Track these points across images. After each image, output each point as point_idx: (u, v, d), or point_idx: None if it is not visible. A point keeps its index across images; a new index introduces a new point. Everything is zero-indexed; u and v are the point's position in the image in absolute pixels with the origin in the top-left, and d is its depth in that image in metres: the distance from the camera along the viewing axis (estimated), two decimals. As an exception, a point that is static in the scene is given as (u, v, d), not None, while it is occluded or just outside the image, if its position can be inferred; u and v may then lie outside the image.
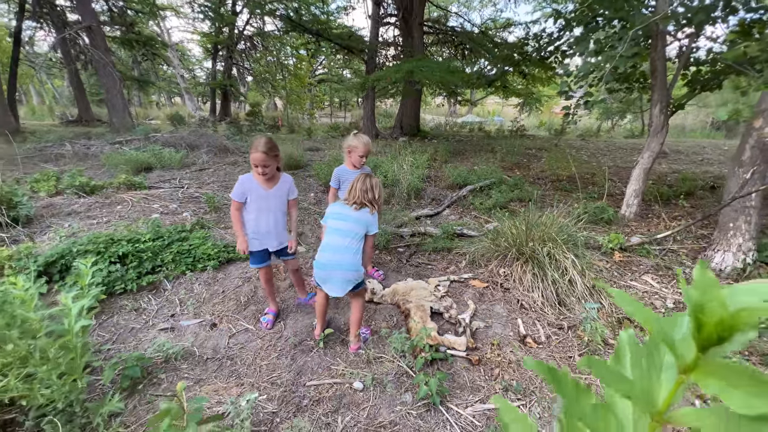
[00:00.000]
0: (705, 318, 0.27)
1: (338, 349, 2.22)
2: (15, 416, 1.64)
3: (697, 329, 0.27)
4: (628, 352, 0.34)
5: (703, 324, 0.27)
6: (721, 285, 0.28)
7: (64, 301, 1.48)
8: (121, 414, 1.70)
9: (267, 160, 2.15)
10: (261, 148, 2.12)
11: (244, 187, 2.22)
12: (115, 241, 2.83)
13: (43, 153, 7.22)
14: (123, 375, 1.84)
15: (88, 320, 1.51)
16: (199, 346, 2.22)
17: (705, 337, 0.27)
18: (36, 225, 3.65)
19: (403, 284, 2.83)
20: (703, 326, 0.27)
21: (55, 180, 4.88)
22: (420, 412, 1.79)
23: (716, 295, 0.27)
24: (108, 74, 10.46)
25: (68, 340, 1.48)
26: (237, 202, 2.24)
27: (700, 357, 0.27)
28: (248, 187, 2.23)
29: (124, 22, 13.93)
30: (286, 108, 19.52)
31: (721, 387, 0.25)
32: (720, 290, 0.28)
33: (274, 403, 1.83)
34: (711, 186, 5.78)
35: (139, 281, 2.69)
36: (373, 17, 11.37)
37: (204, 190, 5.20)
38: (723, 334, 0.26)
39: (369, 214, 2.09)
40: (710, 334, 0.26)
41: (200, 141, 8.17)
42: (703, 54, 4.41)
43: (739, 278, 3.05)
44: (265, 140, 2.16)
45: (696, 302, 0.27)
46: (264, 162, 2.15)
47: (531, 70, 8.59)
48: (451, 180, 5.83)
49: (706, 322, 0.26)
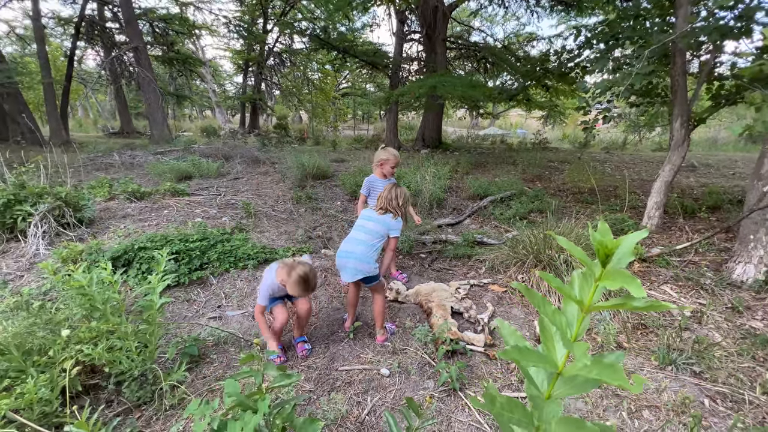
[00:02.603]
0: (601, 248, 0.48)
1: (366, 341, 2.45)
2: (98, 382, 1.95)
3: (598, 254, 0.49)
4: (577, 279, 0.56)
5: (600, 251, 0.49)
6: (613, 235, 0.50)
7: (152, 280, 1.78)
8: (184, 382, 1.98)
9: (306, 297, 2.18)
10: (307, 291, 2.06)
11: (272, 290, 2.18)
12: (168, 240, 3.19)
13: (94, 162, 7.91)
14: (183, 353, 2.13)
15: (167, 298, 1.81)
16: (243, 333, 2.50)
17: (602, 258, 0.49)
18: (97, 226, 4.09)
19: (426, 286, 3.04)
20: (599, 252, 0.49)
21: (108, 186, 5.40)
22: (441, 396, 1.98)
23: (608, 237, 0.49)
24: (152, 90, 11.32)
25: (151, 315, 1.78)
26: (262, 305, 2.19)
27: (603, 271, 0.49)
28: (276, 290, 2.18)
29: (165, 42, 15.06)
30: (311, 120, 20.26)
31: (613, 284, 0.47)
32: (610, 235, 0.49)
33: (311, 383, 2.07)
34: (738, 200, 5.70)
35: (189, 276, 3.02)
36: (398, 34, 11.83)
37: (239, 197, 5.61)
38: (608, 253, 0.47)
39: (392, 219, 2.37)
40: (602, 256, 0.48)
41: (234, 152, 8.72)
42: (727, 69, 4.47)
43: (761, 290, 3.08)
44: (312, 278, 2.06)
45: (598, 241, 0.49)
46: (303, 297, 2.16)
47: (554, 83, 8.71)
48: (472, 191, 6.01)
49: (601, 250, 0.48)
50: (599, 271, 0.49)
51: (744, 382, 2.11)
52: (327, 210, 5.23)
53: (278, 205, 5.40)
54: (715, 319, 2.76)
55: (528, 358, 0.50)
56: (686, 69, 4.15)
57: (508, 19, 20.18)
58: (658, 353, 2.29)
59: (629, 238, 0.49)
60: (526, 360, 0.50)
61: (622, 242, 0.49)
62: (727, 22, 3.23)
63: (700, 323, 2.71)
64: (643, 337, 2.53)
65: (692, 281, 3.26)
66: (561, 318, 0.53)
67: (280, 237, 4.17)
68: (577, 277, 0.56)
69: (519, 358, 0.50)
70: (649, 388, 2.08)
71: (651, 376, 2.17)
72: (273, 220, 4.73)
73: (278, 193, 5.97)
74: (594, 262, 0.51)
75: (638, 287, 0.44)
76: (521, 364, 0.50)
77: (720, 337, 2.55)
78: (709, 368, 2.21)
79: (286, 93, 20.18)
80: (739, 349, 2.40)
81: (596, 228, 0.50)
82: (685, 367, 2.21)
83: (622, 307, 0.48)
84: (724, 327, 2.67)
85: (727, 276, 3.28)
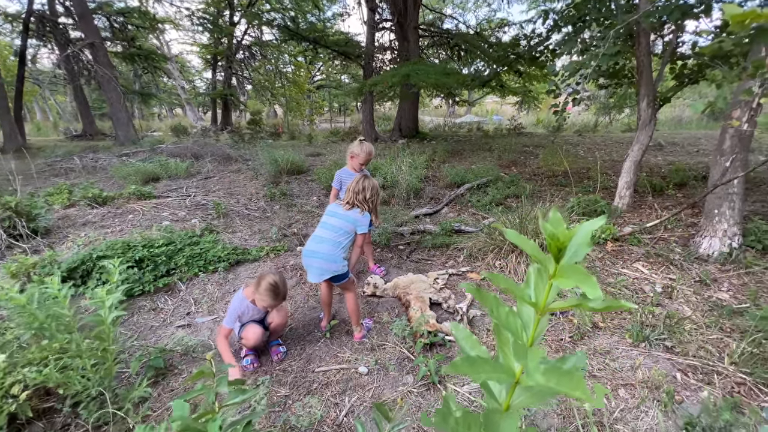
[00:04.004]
0: (553, 242, 0.42)
1: (344, 339, 2.38)
2: (53, 405, 1.81)
3: (550, 248, 0.43)
4: (532, 277, 0.50)
5: (551, 244, 0.43)
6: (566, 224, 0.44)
7: (99, 294, 1.65)
8: (148, 400, 1.87)
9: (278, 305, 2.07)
10: (277, 299, 1.97)
11: (240, 311, 2.06)
12: (131, 247, 3.01)
13: (53, 168, 7.46)
14: (148, 366, 2.01)
15: (120, 311, 1.68)
16: (214, 340, 2.38)
17: (554, 252, 0.43)
18: (54, 235, 3.84)
19: (404, 278, 2.99)
20: (551, 245, 0.43)
21: (67, 193, 5.09)
22: (421, 390, 1.94)
23: (560, 227, 0.43)
24: (112, 89, 10.74)
25: (102, 330, 1.65)
26: (227, 328, 2.05)
27: (557, 267, 0.43)
28: (245, 310, 2.07)
29: (125, 38, 14.25)
30: (286, 115, 19.79)
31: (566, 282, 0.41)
32: (563, 225, 0.43)
33: (286, 387, 1.99)
34: (703, 176, 5.90)
35: (155, 283, 2.86)
36: (369, 23, 11.60)
37: (210, 197, 5.40)
38: (561, 247, 0.41)
39: (358, 214, 2.27)
40: (554, 250, 0.42)
41: (204, 151, 8.39)
42: (688, 48, 4.56)
43: (726, 262, 3.19)
44: (281, 285, 1.97)
45: (549, 232, 0.43)
46: (279, 305, 2.07)
47: (526, 69, 8.76)
48: (449, 179, 5.99)
49: (553, 242, 0.42)
50: (553, 267, 0.43)
51: (713, 354, 2.16)
52: (302, 206, 5.10)
53: (251, 203, 5.22)
54: (684, 293, 2.83)
55: (480, 370, 0.44)
56: (651, 49, 4.20)
57: (480, 5, 20.19)
58: (632, 331, 2.32)
59: (584, 227, 0.43)
60: (477, 372, 0.44)
61: (575, 233, 0.43)
62: (687, 1, 3.27)
63: (671, 298, 2.78)
64: (618, 316, 2.57)
65: (662, 257, 3.34)
66: (516, 320, 0.47)
67: (254, 236, 4.02)
68: (533, 273, 0.50)
69: (470, 371, 0.44)
70: (624, 366, 2.11)
71: (626, 354, 2.20)
72: (246, 220, 4.57)
73: (251, 191, 5.78)
74: (547, 256, 0.45)
75: (593, 287, 0.38)
76: (474, 377, 0.44)
77: (690, 310, 2.62)
78: (680, 342, 2.26)
79: (259, 87, 19.59)
80: (707, 321, 2.47)
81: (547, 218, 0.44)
82: (657, 343, 2.25)
83: (578, 307, 0.42)
84: (693, 300, 2.75)
85: (694, 250, 3.38)
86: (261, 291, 1.94)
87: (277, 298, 1.96)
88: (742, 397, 1.85)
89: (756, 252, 3.25)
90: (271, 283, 1.94)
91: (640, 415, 1.78)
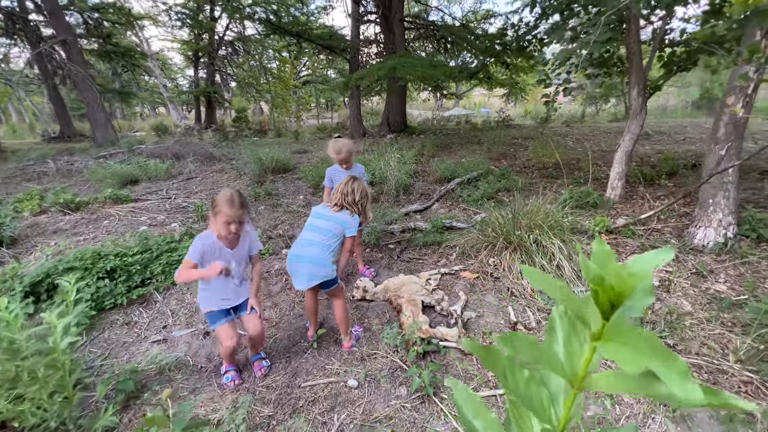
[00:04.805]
0: (601, 288, 0.29)
1: (332, 349, 2.24)
2: (9, 438, 1.63)
3: (596, 298, 0.29)
4: (560, 328, 0.36)
5: (599, 293, 0.29)
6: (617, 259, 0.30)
7: (48, 319, 1.48)
8: (116, 429, 1.70)
9: (243, 216, 1.83)
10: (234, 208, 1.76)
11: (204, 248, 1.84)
12: (102, 257, 2.81)
13: (25, 172, 7.11)
14: (117, 389, 1.84)
15: (75, 336, 1.51)
16: (192, 355, 2.22)
17: (602, 304, 0.29)
18: (21, 245, 3.60)
19: (395, 280, 2.85)
20: (599, 295, 0.29)
21: (38, 198, 4.81)
22: (415, 404, 1.82)
23: (612, 267, 0.29)
24: (88, 88, 10.31)
25: (55, 358, 1.48)
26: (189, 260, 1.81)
27: (605, 324, 0.29)
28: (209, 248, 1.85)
29: (100, 34, 13.71)
30: (272, 112, 19.40)
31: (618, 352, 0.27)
32: (615, 262, 0.30)
33: (270, 406, 1.85)
34: (693, 165, 5.88)
35: (128, 295, 2.67)
36: (353, 15, 11.34)
37: (192, 199, 5.17)
38: (615, 300, 0.28)
39: (348, 216, 2.13)
40: (605, 301, 0.28)
41: (186, 150, 8.10)
42: (677, 35, 4.49)
43: (721, 253, 3.13)
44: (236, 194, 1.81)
45: (594, 274, 0.29)
46: (242, 218, 1.82)
47: (513, 60, 8.64)
48: (439, 174, 5.86)
49: (601, 290, 0.28)
50: (599, 325, 0.29)
51: (716, 351, 2.08)
52: (288, 206, 4.91)
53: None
54: (681, 286, 2.76)
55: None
56: (639, 37, 4.11)
57: (465, -4, 19.99)
58: (633, 329, 2.23)
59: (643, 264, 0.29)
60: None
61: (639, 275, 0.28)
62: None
63: (669, 292, 2.70)
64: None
65: (657, 249, 3.27)
66: (539, 392, 0.33)
67: (237, 240, 3.84)
68: (559, 319, 0.35)
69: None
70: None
71: (627, 355, 2.10)
72: (229, 222, 4.37)
73: (235, 191, 5.56)
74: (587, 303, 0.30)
75: (681, 374, 0.24)
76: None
77: (688, 304, 2.54)
78: (682, 339, 2.18)
79: (243, 84, 19.11)
80: (707, 315, 2.39)
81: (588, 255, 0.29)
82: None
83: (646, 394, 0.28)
84: (691, 293, 2.67)
85: (689, 241, 3.32)
86: (218, 206, 1.74)
87: (234, 206, 1.75)
88: (749, 397, 1.77)
89: (751, 241, 3.21)
90: (226, 194, 1.77)
91: (647, 421, 1.68)
